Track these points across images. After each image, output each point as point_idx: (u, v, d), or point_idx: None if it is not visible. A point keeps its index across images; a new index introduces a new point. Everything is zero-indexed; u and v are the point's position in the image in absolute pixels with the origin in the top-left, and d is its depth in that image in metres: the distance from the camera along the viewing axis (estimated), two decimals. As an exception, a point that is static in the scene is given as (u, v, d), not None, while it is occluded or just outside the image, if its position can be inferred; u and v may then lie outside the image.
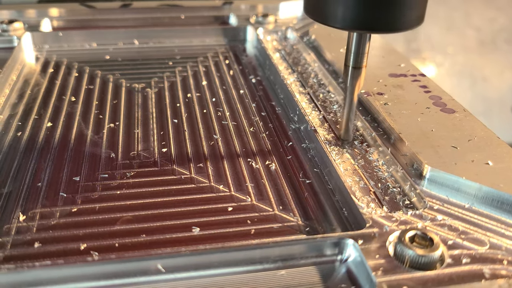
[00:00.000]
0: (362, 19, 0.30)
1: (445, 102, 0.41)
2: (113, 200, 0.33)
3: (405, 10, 0.30)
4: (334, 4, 0.30)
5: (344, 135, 0.37)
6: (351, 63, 0.34)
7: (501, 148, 0.35)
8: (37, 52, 0.57)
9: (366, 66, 0.34)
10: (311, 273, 0.27)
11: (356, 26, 0.31)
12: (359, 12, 0.30)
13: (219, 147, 0.39)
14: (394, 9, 0.29)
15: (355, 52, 0.34)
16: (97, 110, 0.44)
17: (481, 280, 0.25)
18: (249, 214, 0.32)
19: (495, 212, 0.30)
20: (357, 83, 0.35)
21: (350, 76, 0.34)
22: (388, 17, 0.30)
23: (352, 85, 0.35)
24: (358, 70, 0.34)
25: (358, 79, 0.34)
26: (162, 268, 0.26)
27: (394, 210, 0.31)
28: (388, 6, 0.29)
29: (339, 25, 0.31)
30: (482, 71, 1.29)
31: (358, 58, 0.34)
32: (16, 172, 0.35)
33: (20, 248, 0.29)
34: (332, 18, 0.31)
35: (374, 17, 0.30)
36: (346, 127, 0.37)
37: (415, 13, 0.30)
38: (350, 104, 0.35)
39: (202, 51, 0.58)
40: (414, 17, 0.31)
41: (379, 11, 0.29)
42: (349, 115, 0.36)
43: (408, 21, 0.30)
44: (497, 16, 1.26)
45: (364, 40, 0.33)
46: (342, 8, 0.30)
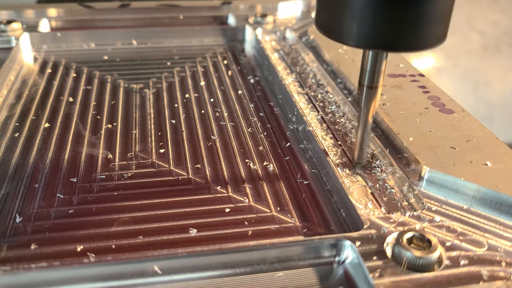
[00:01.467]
0: (379, 37, 0.27)
1: (443, 103, 0.41)
2: (110, 201, 0.33)
3: (427, 28, 0.26)
4: (348, 20, 0.27)
5: (358, 158, 0.35)
6: (366, 83, 0.31)
7: (500, 149, 0.35)
8: (35, 52, 0.57)
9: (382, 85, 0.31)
10: (309, 274, 0.27)
11: (372, 45, 0.27)
12: (376, 30, 0.26)
13: (217, 148, 0.39)
14: (415, 27, 0.26)
15: (370, 71, 0.31)
16: (95, 110, 0.44)
17: (479, 282, 0.25)
18: (247, 216, 0.32)
19: (493, 213, 0.30)
20: (372, 103, 0.32)
21: (365, 96, 0.31)
22: (408, 35, 0.26)
23: (367, 106, 0.32)
24: (373, 90, 0.31)
25: (373, 99, 0.31)
26: (159, 270, 0.26)
27: (392, 211, 0.31)
28: (408, 23, 0.26)
29: (353, 42, 0.27)
30: (485, 75, 1.28)
31: (374, 78, 0.31)
32: (13, 173, 0.35)
33: (16, 250, 0.29)
34: (345, 35, 0.27)
35: (392, 35, 0.26)
36: (360, 150, 0.34)
37: (438, 31, 0.27)
38: (364, 125, 0.33)
39: (200, 51, 0.58)
40: (437, 34, 0.27)
41: (398, 29, 0.26)
42: (363, 137, 0.33)
43: (430, 39, 0.27)
44: (501, 19, 1.26)
45: (380, 59, 0.30)
46: (357, 25, 0.27)
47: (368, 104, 0.32)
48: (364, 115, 0.32)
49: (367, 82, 0.31)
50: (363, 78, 0.31)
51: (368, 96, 0.31)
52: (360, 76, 0.31)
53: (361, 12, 0.26)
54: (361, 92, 0.32)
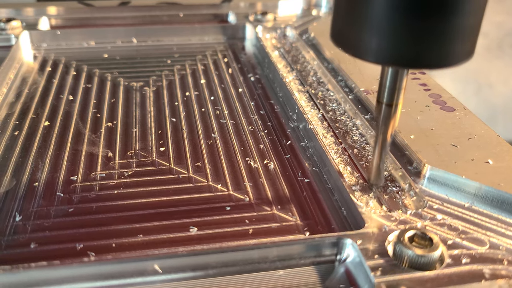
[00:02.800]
0: (401, 53, 0.24)
1: (444, 100, 0.41)
2: (110, 199, 0.33)
3: (455, 43, 0.24)
4: (367, 34, 0.24)
5: (374, 179, 0.32)
6: (384, 100, 0.28)
7: (501, 147, 0.34)
8: (35, 50, 0.56)
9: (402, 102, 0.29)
10: (310, 273, 0.27)
11: (394, 62, 0.25)
12: (398, 45, 0.24)
13: (217, 146, 0.39)
14: (442, 42, 0.24)
15: (390, 88, 0.28)
16: (95, 109, 0.44)
17: (481, 280, 0.25)
18: (247, 214, 0.32)
19: (495, 212, 0.30)
20: (391, 122, 0.29)
21: (383, 115, 0.29)
22: (433, 51, 0.24)
23: (386, 124, 0.29)
24: (392, 107, 0.29)
25: (392, 118, 0.29)
26: (159, 268, 0.26)
27: (393, 210, 0.30)
28: (434, 38, 0.23)
29: (373, 58, 0.25)
30: (488, 77, 1.28)
31: (393, 95, 0.28)
32: (13, 172, 0.35)
33: (16, 249, 0.28)
34: (364, 50, 0.25)
35: (416, 51, 0.24)
36: (377, 171, 0.32)
37: (466, 46, 0.25)
38: (382, 145, 0.30)
39: (200, 49, 0.58)
40: (465, 50, 0.25)
41: (422, 45, 0.24)
42: (381, 157, 0.31)
43: (458, 56, 0.25)
44: (506, 20, 1.24)
45: (401, 75, 0.28)
46: (377, 39, 0.24)
47: (386, 123, 0.29)
48: (382, 134, 0.30)
49: (386, 99, 0.28)
50: (382, 95, 0.28)
51: (387, 115, 0.29)
52: (379, 93, 0.29)
53: (382, 26, 0.24)
54: (379, 110, 0.29)
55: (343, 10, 0.26)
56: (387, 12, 0.23)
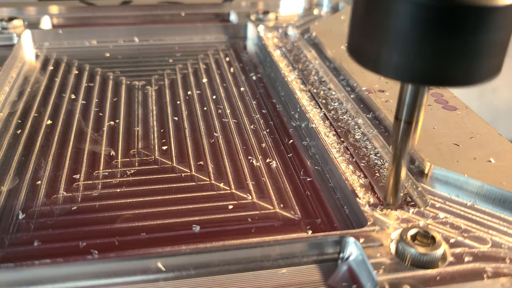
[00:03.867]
0: (423, 70, 0.22)
1: (446, 100, 0.41)
2: (113, 198, 0.33)
3: (480, 60, 0.22)
4: (387, 49, 0.23)
5: (391, 199, 0.30)
6: (403, 117, 0.27)
7: (503, 146, 0.34)
8: (37, 49, 0.57)
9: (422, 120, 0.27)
10: (312, 271, 0.27)
11: (415, 79, 0.23)
12: (420, 62, 0.22)
13: (219, 145, 0.39)
14: (466, 59, 0.22)
15: (410, 105, 0.26)
16: (97, 107, 0.44)
17: (483, 278, 0.25)
18: (250, 212, 0.32)
19: (497, 210, 0.30)
20: (409, 140, 0.27)
21: (402, 132, 0.27)
22: (455, 69, 0.22)
23: (404, 143, 0.27)
24: (411, 125, 0.27)
25: (411, 135, 0.27)
26: (162, 266, 0.26)
27: (395, 208, 0.30)
28: (459, 55, 0.22)
29: (393, 75, 0.23)
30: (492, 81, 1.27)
31: (413, 112, 0.26)
32: (16, 170, 0.35)
33: (19, 247, 0.29)
34: (383, 66, 0.23)
35: (439, 68, 0.22)
36: (395, 190, 0.30)
37: (493, 63, 0.23)
38: (399, 163, 0.28)
39: (202, 49, 0.58)
40: (492, 67, 0.23)
41: (444, 62, 0.22)
42: (398, 175, 0.29)
43: (483, 73, 0.23)
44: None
45: (422, 92, 0.26)
46: (398, 55, 0.22)
47: (405, 141, 0.27)
48: (399, 152, 0.28)
49: (405, 116, 0.27)
50: (401, 112, 0.27)
51: (406, 132, 0.27)
52: (397, 109, 0.27)
53: (403, 41, 0.22)
54: (397, 127, 0.27)
55: (361, 22, 0.24)
56: (410, 26, 0.22)
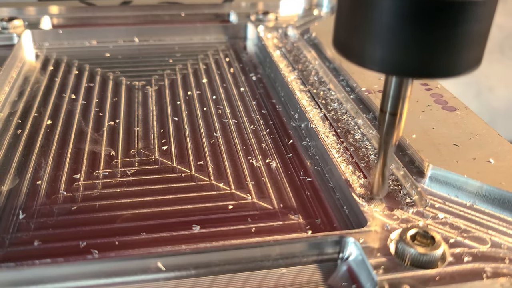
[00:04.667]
0: (406, 63, 0.23)
1: (446, 100, 0.41)
2: (113, 198, 0.33)
3: (461, 52, 0.23)
4: (371, 43, 0.23)
5: (377, 191, 0.31)
6: (388, 109, 0.28)
7: (503, 146, 0.34)
8: (37, 49, 0.57)
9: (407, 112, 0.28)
10: (312, 271, 0.27)
11: (399, 71, 0.24)
12: (403, 55, 0.23)
13: (219, 145, 0.39)
14: (447, 51, 0.23)
15: (394, 97, 0.27)
16: (97, 108, 0.44)
17: (482, 278, 0.25)
18: (250, 212, 0.32)
19: (496, 210, 0.30)
20: (395, 132, 0.28)
21: (387, 124, 0.28)
22: (440, 60, 0.23)
23: (389, 134, 0.28)
24: (396, 117, 0.28)
25: (396, 127, 0.28)
26: (162, 266, 0.26)
27: (395, 208, 0.31)
28: (441, 47, 0.23)
29: (377, 67, 0.24)
30: (489, 80, 1.27)
31: (397, 104, 0.27)
32: (16, 170, 0.35)
33: (19, 246, 0.29)
34: (367, 59, 0.24)
35: (422, 60, 0.23)
36: (380, 182, 0.31)
37: (474, 55, 0.24)
38: (385, 155, 0.29)
39: (202, 49, 0.58)
40: (472, 59, 0.24)
41: (426, 54, 0.23)
42: (384, 167, 0.30)
43: (465, 65, 0.24)
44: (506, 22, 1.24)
45: (406, 84, 0.27)
46: (381, 49, 0.23)
47: (390, 132, 0.28)
48: (385, 144, 0.29)
49: (390, 108, 0.27)
50: (386, 104, 0.28)
51: (391, 124, 0.28)
52: (382, 102, 0.28)
53: (386, 35, 0.23)
54: (382, 119, 0.28)
55: (346, 17, 0.25)
56: (392, 20, 0.22)
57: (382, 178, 0.30)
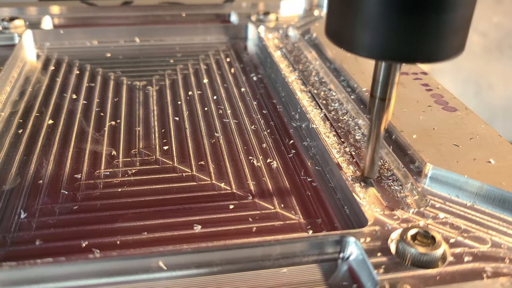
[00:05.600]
0: (393, 48, 0.25)
1: (446, 101, 0.41)
2: (114, 197, 0.33)
3: (446, 38, 0.25)
4: (360, 29, 0.25)
5: (368, 172, 0.33)
6: (378, 94, 0.29)
7: (503, 147, 0.35)
8: (38, 49, 0.57)
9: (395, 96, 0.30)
10: (313, 271, 0.27)
11: (386, 56, 0.26)
12: (390, 40, 0.25)
13: (220, 145, 0.39)
14: (433, 37, 0.24)
15: (383, 82, 0.29)
16: (98, 107, 0.44)
17: (483, 278, 0.25)
18: (251, 212, 0.32)
19: (497, 211, 0.30)
20: (384, 116, 0.30)
21: (377, 109, 0.30)
22: (425, 45, 0.25)
23: (379, 118, 0.30)
24: (385, 101, 0.29)
25: (385, 111, 0.30)
26: (163, 265, 0.26)
27: (395, 208, 0.31)
28: (426, 33, 0.24)
29: (366, 53, 0.26)
30: (488, 78, 1.28)
31: (386, 89, 0.29)
32: (17, 170, 0.35)
33: (21, 245, 0.29)
34: (357, 45, 0.26)
35: (408, 45, 0.25)
36: (371, 164, 0.32)
37: (457, 41, 0.25)
38: (376, 138, 0.31)
39: (203, 49, 0.58)
40: (454, 45, 0.25)
41: (414, 39, 0.24)
42: (375, 150, 0.31)
43: (449, 50, 0.25)
44: (504, 21, 1.25)
45: (394, 70, 0.28)
46: (369, 34, 0.25)
47: (380, 117, 0.30)
48: (375, 128, 0.30)
49: (380, 93, 0.29)
50: (375, 90, 0.29)
51: (380, 108, 0.30)
52: (372, 87, 0.29)
53: (374, 22, 0.24)
54: (372, 104, 0.30)
55: (337, 6, 0.26)
56: (380, 7, 0.24)
57: (372, 160, 0.32)
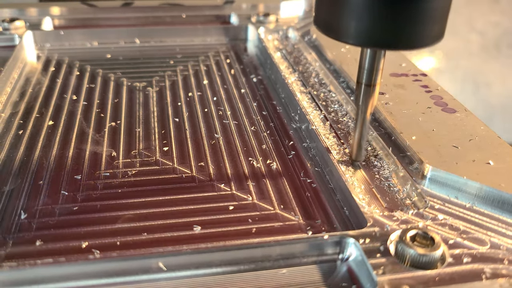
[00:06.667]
0: (377, 35, 0.27)
1: (446, 102, 0.41)
2: (114, 198, 0.33)
3: (425, 26, 0.27)
4: (347, 18, 0.27)
5: (356, 156, 0.35)
6: (364, 80, 0.31)
7: (502, 148, 0.35)
8: (38, 50, 0.57)
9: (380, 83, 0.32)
10: (312, 272, 0.27)
11: (371, 43, 0.28)
12: (375, 28, 0.27)
13: (220, 146, 0.39)
14: (414, 25, 0.26)
15: (368, 69, 0.31)
16: (98, 108, 0.45)
17: (482, 279, 0.25)
18: (250, 213, 0.32)
19: (496, 212, 0.30)
20: (370, 101, 0.32)
21: (363, 94, 0.32)
22: (406, 33, 0.27)
23: (365, 104, 0.32)
24: (371, 87, 0.31)
25: (371, 97, 0.32)
26: (163, 266, 0.26)
27: (395, 210, 0.31)
28: (405, 21, 0.26)
29: (352, 41, 0.28)
30: (485, 77, 1.28)
31: (371, 76, 0.31)
32: (18, 170, 0.35)
33: (21, 246, 0.29)
34: (344, 34, 0.28)
35: (391, 33, 0.27)
36: (358, 147, 0.34)
37: (436, 29, 0.27)
38: (362, 123, 0.33)
39: (203, 50, 0.58)
40: (434, 32, 0.28)
41: (395, 27, 0.27)
42: (362, 134, 0.33)
43: (428, 37, 0.27)
44: (501, 20, 1.25)
45: (378, 57, 0.31)
46: (355, 23, 0.27)
47: (366, 102, 0.32)
48: (362, 113, 0.32)
49: (365, 80, 0.31)
50: (361, 76, 0.31)
51: (366, 94, 0.32)
52: (358, 74, 0.32)
53: (360, 11, 0.27)
54: (359, 90, 0.32)
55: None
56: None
57: (359, 144, 0.34)
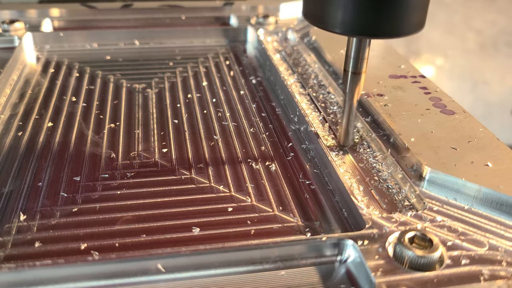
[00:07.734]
0: (361, 24, 0.29)
1: (445, 104, 0.41)
2: (113, 200, 0.33)
3: (405, 15, 0.29)
4: (333, 9, 0.29)
5: (343, 141, 0.37)
6: (350, 69, 0.34)
7: (501, 150, 0.35)
8: (38, 52, 0.57)
9: (366, 71, 0.34)
10: (311, 273, 0.27)
11: (356, 31, 0.30)
12: (359, 17, 0.29)
13: (219, 148, 0.39)
14: (394, 14, 0.29)
15: (354, 58, 0.33)
16: (98, 110, 0.45)
17: (480, 281, 0.25)
18: (249, 215, 0.32)
19: (494, 214, 0.30)
20: (356, 88, 0.34)
21: (350, 82, 0.34)
22: (388, 22, 0.29)
23: (352, 91, 0.34)
24: (357, 75, 0.34)
25: (357, 84, 0.34)
26: (162, 268, 0.26)
27: (393, 211, 0.31)
28: (388, 10, 0.29)
29: (339, 30, 0.30)
30: (483, 75, 1.29)
31: (357, 64, 0.33)
32: (17, 172, 0.35)
33: (20, 248, 0.29)
34: (331, 23, 0.30)
35: (373, 22, 0.29)
36: (346, 133, 0.36)
37: (416, 18, 0.30)
38: (349, 110, 0.35)
39: (202, 52, 0.58)
40: (415, 22, 0.30)
41: (378, 16, 0.29)
42: (349, 121, 0.35)
43: (409, 26, 0.30)
44: (498, 19, 1.26)
45: (364, 45, 0.33)
46: (341, 13, 0.29)
47: (352, 89, 0.34)
48: (349, 100, 0.34)
49: (352, 68, 0.33)
50: (348, 64, 0.33)
51: (353, 82, 0.34)
52: (345, 62, 0.34)
53: (345, 2, 0.29)
54: (345, 78, 0.34)
55: None
56: None
57: (347, 130, 0.36)
